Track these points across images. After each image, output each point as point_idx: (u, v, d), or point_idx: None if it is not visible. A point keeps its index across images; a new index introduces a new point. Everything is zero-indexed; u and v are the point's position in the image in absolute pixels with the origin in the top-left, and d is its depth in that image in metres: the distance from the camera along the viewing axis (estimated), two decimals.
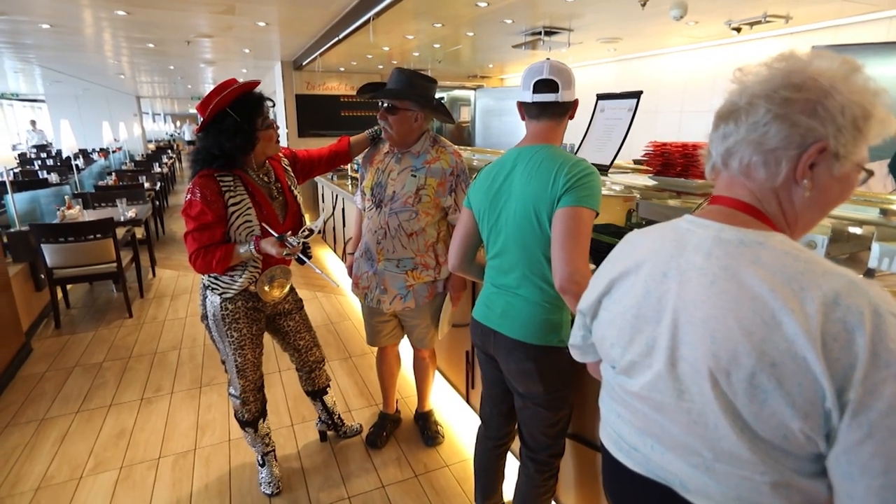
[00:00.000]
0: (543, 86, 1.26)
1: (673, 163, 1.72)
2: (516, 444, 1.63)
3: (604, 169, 2.03)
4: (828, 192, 0.70)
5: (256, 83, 1.64)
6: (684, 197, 1.83)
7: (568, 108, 1.31)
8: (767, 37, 4.27)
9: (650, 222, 1.94)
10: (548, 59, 1.32)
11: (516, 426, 1.56)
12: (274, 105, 1.71)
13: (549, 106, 1.28)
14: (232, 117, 1.56)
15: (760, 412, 0.63)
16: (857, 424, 0.57)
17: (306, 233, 1.71)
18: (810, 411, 0.60)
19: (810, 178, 0.68)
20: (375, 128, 1.97)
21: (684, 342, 0.70)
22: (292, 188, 1.86)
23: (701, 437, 0.70)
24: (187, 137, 20.10)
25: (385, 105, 1.76)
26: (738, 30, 3.96)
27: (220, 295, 1.75)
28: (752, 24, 3.84)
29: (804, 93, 0.65)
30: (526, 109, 1.33)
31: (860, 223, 1.50)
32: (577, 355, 1.00)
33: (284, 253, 1.63)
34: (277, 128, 1.72)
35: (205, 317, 1.81)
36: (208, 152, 1.61)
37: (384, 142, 1.92)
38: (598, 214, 1.21)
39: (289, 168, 1.90)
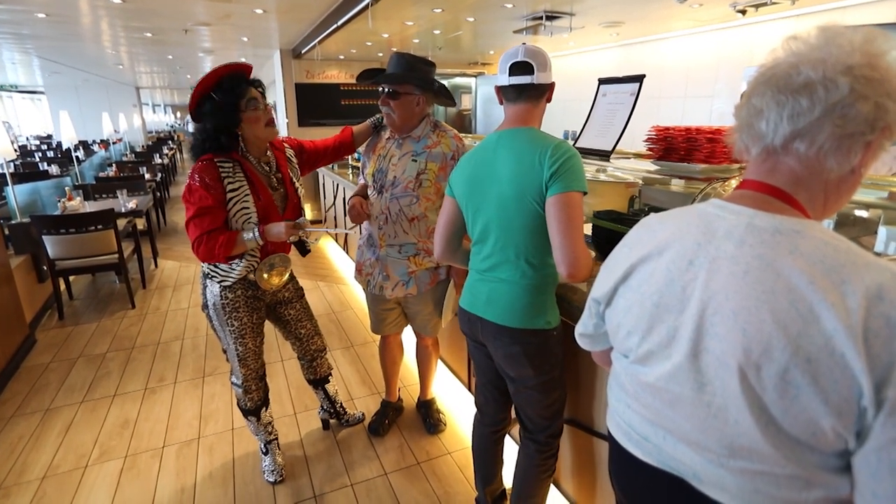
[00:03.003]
0: (519, 68, 1.27)
1: (676, 147, 1.70)
2: (515, 428, 1.63)
3: (605, 154, 2.01)
4: (864, 177, 0.68)
5: (238, 66, 1.61)
6: (687, 182, 1.80)
7: (544, 91, 1.32)
8: (773, 19, 4.18)
9: (653, 208, 1.92)
10: (523, 43, 1.32)
11: (512, 410, 1.57)
12: (259, 87, 1.66)
13: (525, 88, 1.29)
14: (212, 98, 1.57)
15: (790, 408, 0.61)
16: (893, 423, 0.55)
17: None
18: (844, 408, 0.57)
19: (866, 164, 0.64)
20: (378, 116, 1.96)
21: (711, 334, 0.67)
22: (294, 180, 1.84)
23: (717, 433, 0.68)
24: (192, 129, 19.81)
25: (386, 90, 1.75)
26: (743, 12, 3.88)
27: (219, 283, 1.75)
28: (757, 6, 3.76)
29: (879, 71, 0.60)
30: (503, 93, 1.34)
31: (866, 206, 1.48)
32: (586, 344, 0.98)
33: (292, 239, 1.63)
34: (269, 111, 1.69)
35: (205, 306, 1.81)
36: (198, 138, 1.63)
37: (386, 129, 1.91)
38: (585, 193, 1.23)
39: (293, 158, 1.89)
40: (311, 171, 2.03)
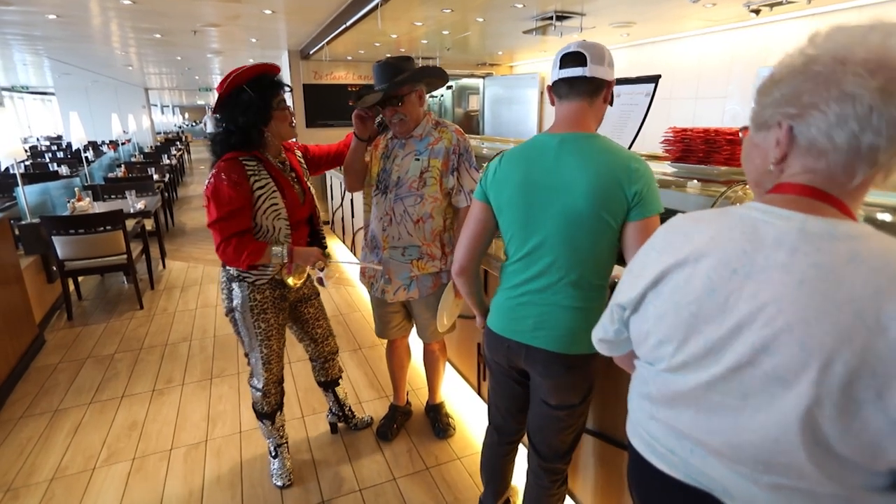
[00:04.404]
0: (570, 60, 1.14)
1: (694, 149, 1.66)
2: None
3: None
4: None
5: (276, 68, 1.64)
6: (704, 185, 1.76)
7: (600, 88, 1.16)
8: (787, 19, 4.12)
9: (668, 211, 1.88)
10: (583, 39, 1.21)
11: (527, 431, 1.49)
12: (290, 90, 1.71)
13: (576, 82, 1.14)
14: (247, 92, 1.57)
15: (850, 426, 0.57)
16: None
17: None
18: None
19: None
20: (378, 118, 1.94)
21: (761, 347, 0.63)
22: (307, 178, 1.88)
23: (754, 448, 0.65)
24: (210, 129, 19.71)
25: (391, 100, 1.73)
26: (757, 11, 3.83)
27: (252, 283, 1.74)
28: (771, 6, 3.70)
29: None
30: (555, 90, 1.20)
31: (892, 210, 1.43)
32: (604, 349, 0.94)
33: (317, 266, 1.70)
34: (293, 113, 1.72)
35: (231, 310, 1.79)
36: (225, 129, 1.61)
37: (388, 130, 1.90)
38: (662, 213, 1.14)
39: (302, 160, 1.92)
40: (316, 174, 2.03)
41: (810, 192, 0.65)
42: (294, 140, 1.85)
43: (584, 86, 1.15)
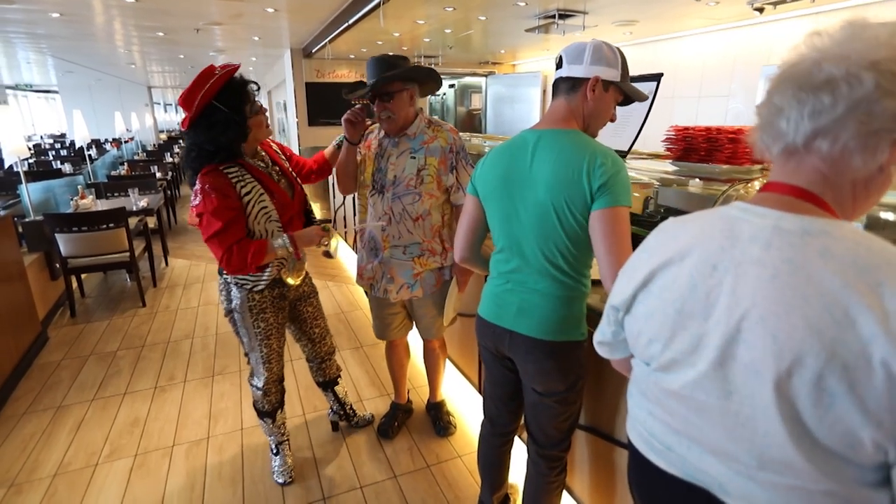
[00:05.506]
0: (557, 64, 1.25)
1: (696, 148, 1.66)
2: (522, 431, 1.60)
3: (621, 155, 1.97)
4: (895, 175, 0.65)
5: (236, 67, 1.54)
6: (706, 183, 1.76)
7: (576, 85, 1.21)
8: (791, 17, 4.10)
9: (669, 210, 1.88)
10: (592, 39, 1.28)
11: (523, 420, 1.52)
12: (259, 88, 1.63)
13: (557, 82, 1.25)
14: (221, 110, 1.49)
15: (824, 418, 0.58)
16: None
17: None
18: (884, 419, 0.54)
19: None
20: (340, 136, 1.91)
21: (738, 341, 0.64)
22: (291, 170, 1.85)
23: (746, 443, 0.65)
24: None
25: (381, 97, 1.73)
26: (761, 10, 3.81)
27: (249, 290, 1.73)
28: (775, 4, 3.69)
29: None
30: None
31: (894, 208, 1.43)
32: (604, 352, 0.95)
33: (323, 242, 1.66)
34: (265, 111, 1.68)
35: (230, 311, 1.79)
36: (202, 149, 1.54)
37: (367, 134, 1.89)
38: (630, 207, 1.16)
39: (280, 152, 1.88)
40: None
41: (795, 191, 0.66)
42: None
43: (561, 85, 1.24)
